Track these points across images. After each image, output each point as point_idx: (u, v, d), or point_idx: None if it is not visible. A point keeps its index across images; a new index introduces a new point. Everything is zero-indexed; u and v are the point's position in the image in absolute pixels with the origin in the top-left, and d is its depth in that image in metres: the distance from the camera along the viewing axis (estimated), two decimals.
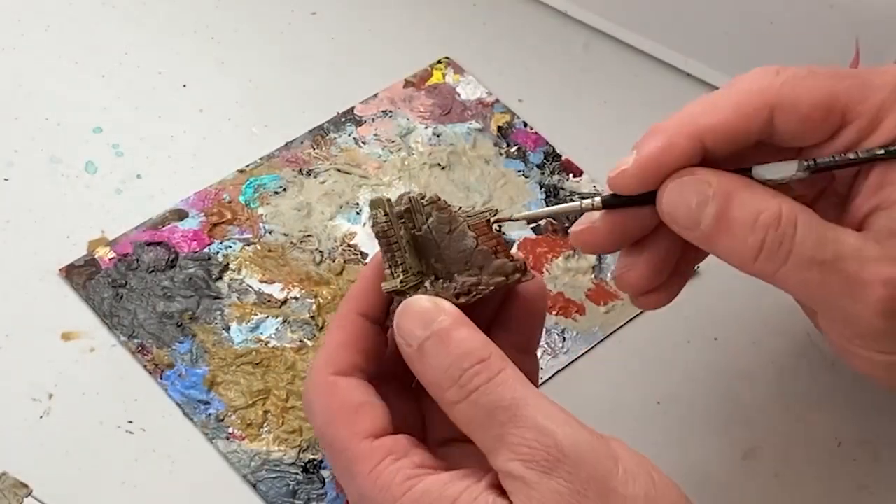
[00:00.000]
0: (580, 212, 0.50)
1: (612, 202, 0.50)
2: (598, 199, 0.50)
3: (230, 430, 0.55)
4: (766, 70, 0.50)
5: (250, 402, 0.56)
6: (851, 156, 0.48)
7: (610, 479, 0.44)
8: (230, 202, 0.62)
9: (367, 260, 0.57)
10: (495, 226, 0.50)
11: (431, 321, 0.46)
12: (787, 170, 0.48)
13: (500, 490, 0.44)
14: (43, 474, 0.53)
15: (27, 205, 0.61)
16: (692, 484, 0.56)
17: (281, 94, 0.67)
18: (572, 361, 0.59)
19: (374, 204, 0.49)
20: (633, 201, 0.49)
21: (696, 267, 0.55)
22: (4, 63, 0.67)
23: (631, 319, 0.60)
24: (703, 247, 0.49)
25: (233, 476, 0.54)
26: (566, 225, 0.63)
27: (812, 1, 0.64)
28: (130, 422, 0.55)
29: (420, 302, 0.47)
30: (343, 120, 0.66)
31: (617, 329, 0.60)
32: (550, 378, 0.58)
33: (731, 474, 0.56)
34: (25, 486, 0.53)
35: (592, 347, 0.59)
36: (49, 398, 0.56)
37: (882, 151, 0.48)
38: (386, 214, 0.49)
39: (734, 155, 0.49)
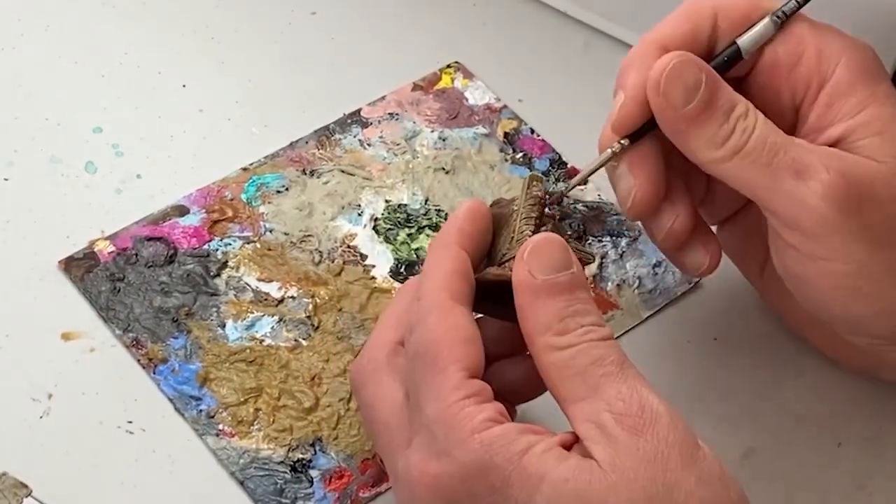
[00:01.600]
0: (613, 155, 0.53)
1: (634, 135, 0.53)
2: (625, 141, 0.53)
3: (220, 426, 0.55)
4: None
5: (242, 400, 0.56)
6: None
7: (693, 452, 0.45)
8: (232, 200, 0.62)
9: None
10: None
11: (564, 266, 0.48)
12: (763, 28, 0.53)
13: (569, 448, 0.45)
14: (43, 474, 0.53)
15: (27, 204, 0.61)
16: None
17: (281, 95, 0.67)
18: None
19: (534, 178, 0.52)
20: (648, 129, 0.53)
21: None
22: (4, 63, 0.67)
23: (630, 329, 0.60)
24: (677, 129, 0.52)
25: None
26: (569, 233, 0.63)
27: (812, 1, 0.64)
28: (130, 422, 0.55)
29: (559, 243, 0.48)
30: (349, 121, 0.66)
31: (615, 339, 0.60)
32: None
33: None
34: (25, 486, 0.53)
35: None
36: (49, 398, 0.56)
37: None
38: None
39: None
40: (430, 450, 0.46)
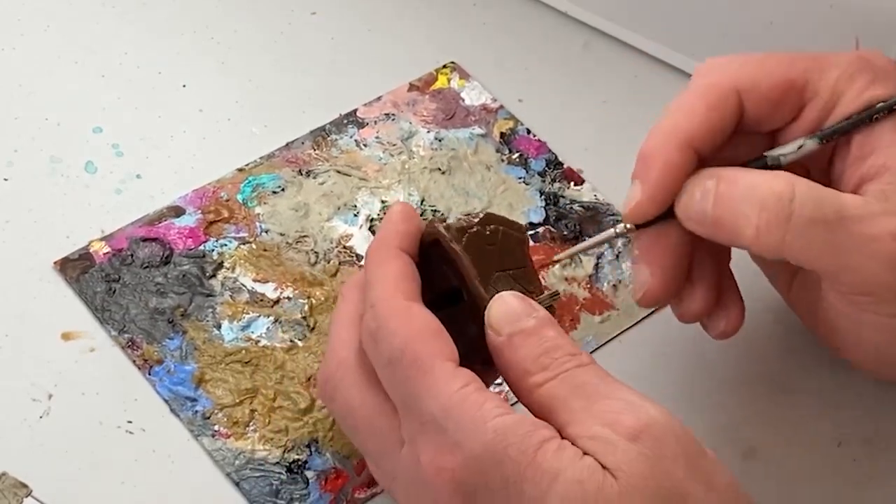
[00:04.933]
0: (615, 237, 0.53)
1: (642, 224, 0.52)
2: (628, 224, 0.53)
3: (216, 427, 0.55)
4: (720, 60, 0.53)
5: (238, 401, 0.56)
6: (855, 119, 0.50)
7: (700, 458, 0.45)
8: (228, 200, 0.62)
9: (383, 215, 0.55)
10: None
11: (527, 315, 0.47)
12: (796, 145, 0.51)
13: None
14: (43, 474, 0.53)
15: (27, 205, 0.61)
16: None
17: (281, 95, 0.67)
18: None
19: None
20: (657, 219, 0.52)
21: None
22: (4, 63, 0.67)
23: (625, 329, 0.60)
24: (716, 238, 0.50)
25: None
26: (565, 234, 0.63)
27: (812, 1, 0.64)
28: (130, 422, 0.55)
29: (517, 296, 0.48)
30: (345, 122, 0.66)
31: (611, 339, 0.60)
32: None
33: None
34: (25, 486, 0.53)
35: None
36: (49, 398, 0.56)
37: (885, 111, 0.50)
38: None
39: (720, 151, 0.52)
40: (442, 444, 0.45)
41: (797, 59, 0.52)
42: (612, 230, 0.53)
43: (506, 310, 0.48)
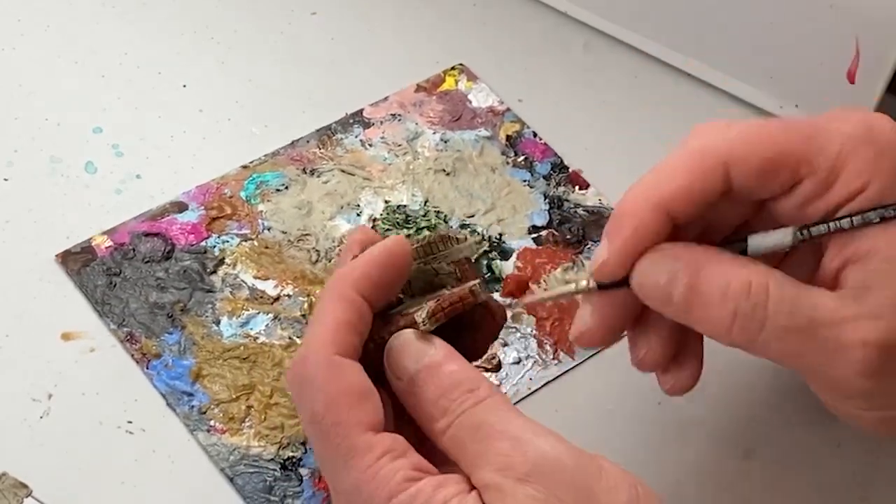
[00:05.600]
0: (575, 292, 0.51)
1: (604, 285, 0.50)
2: (590, 283, 0.50)
3: (212, 422, 0.55)
4: (716, 125, 0.50)
5: (234, 397, 0.56)
6: (845, 224, 0.47)
7: (592, 486, 0.44)
8: (231, 197, 0.62)
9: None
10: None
11: (422, 355, 0.47)
12: (782, 239, 0.48)
13: None
14: (43, 474, 0.53)
15: (27, 204, 0.61)
16: (692, 484, 0.56)
17: (281, 95, 0.67)
18: (564, 373, 0.58)
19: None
20: (620, 283, 0.50)
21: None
22: (4, 63, 0.67)
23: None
24: (679, 320, 0.49)
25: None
26: (568, 237, 0.63)
27: (812, 1, 0.64)
28: (130, 422, 0.55)
29: (409, 336, 0.47)
30: (351, 121, 0.66)
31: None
32: (547, 385, 0.58)
33: (731, 474, 0.56)
34: (25, 486, 0.53)
35: (585, 360, 0.59)
36: (49, 398, 0.56)
37: (877, 219, 0.47)
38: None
39: (702, 216, 0.49)
40: None
41: (795, 129, 0.49)
42: (572, 286, 0.51)
43: (399, 355, 0.47)
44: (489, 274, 0.61)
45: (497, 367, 0.58)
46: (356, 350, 0.47)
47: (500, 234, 0.62)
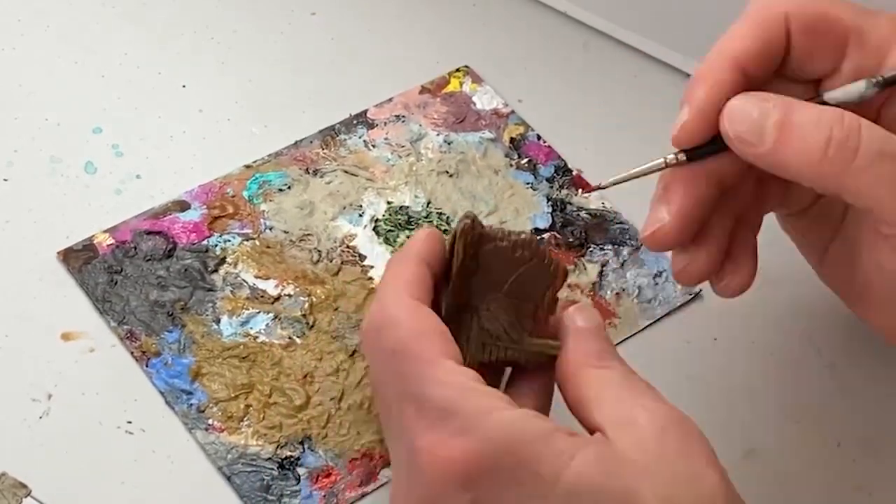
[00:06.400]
0: (664, 166, 0.51)
1: (693, 155, 0.51)
2: (681, 155, 0.51)
3: (210, 421, 0.55)
4: None
5: (233, 395, 0.56)
6: None
7: (714, 458, 0.46)
8: (233, 196, 0.62)
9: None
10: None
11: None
12: (856, 88, 0.50)
13: None
14: (43, 474, 0.53)
15: (27, 205, 0.61)
16: None
17: (281, 95, 0.67)
18: None
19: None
20: (708, 151, 0.50)
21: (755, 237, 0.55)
22: (4, 63, 0.67)
23: (629, 337, 0.60)
24: (767, 163, 0.49)
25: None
26: (570, 240, 0.63)
27: None
28: (130, 422, 0.55)
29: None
30: (355, 122, 0.66)
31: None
32: None
33: (731, 474, 0.56)
34: (25, 486, 0.53)
35: None
36: (49, 398, 0.56)
37: None
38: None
39: (769, 79, 0.51)
40: (448, 429, 0.44)
41: (846, 4, 0.51)
42: (661, 159, 0.51)
43: (590, 313, 0.50)
44: None
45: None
46: (428, 301, 0.49)
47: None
